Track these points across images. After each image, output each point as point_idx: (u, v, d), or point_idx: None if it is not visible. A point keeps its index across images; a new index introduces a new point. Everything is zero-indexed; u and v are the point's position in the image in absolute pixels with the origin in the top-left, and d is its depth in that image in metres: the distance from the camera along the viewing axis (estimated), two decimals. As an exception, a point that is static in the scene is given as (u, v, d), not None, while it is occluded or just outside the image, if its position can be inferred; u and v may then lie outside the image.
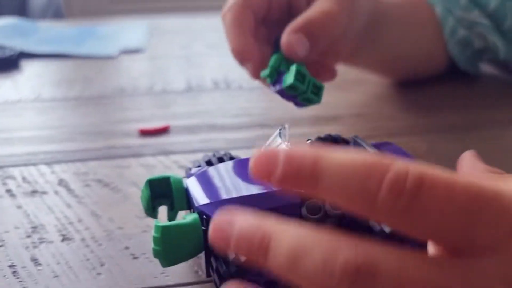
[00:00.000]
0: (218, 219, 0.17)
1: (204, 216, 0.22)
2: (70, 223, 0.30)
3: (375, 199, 0.15)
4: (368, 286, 0.14)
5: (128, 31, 0.79)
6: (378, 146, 0.27)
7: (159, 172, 0.36)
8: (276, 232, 0.16)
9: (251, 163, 0.17)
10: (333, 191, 0.16)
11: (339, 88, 0.54)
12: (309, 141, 0.27)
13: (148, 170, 0.36)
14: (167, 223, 0.21)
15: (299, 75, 0.32)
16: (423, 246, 0.17)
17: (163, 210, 0.25)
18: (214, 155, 0.28)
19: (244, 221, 0.17)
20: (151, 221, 0.30)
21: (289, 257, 0.16)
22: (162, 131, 0.43)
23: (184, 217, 0.23)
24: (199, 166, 0.27)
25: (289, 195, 0.19)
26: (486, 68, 0.59)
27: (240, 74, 0.59)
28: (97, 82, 0.56)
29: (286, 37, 0.34)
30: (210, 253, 0.22)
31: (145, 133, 0.42)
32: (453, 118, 0.46)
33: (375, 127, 0.44)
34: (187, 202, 0.24)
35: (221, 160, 0.28)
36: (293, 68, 0.32)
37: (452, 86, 0.54)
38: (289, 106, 0.50)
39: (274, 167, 0.17)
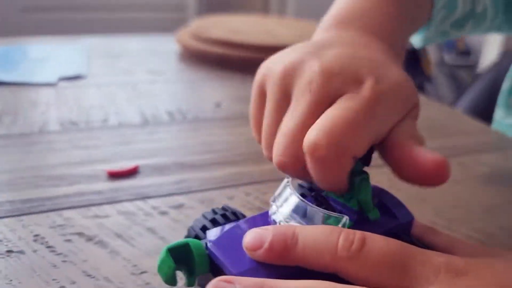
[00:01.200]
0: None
1: None
2: (62, 287, 0.28)
3: (336, 248, 0.22)
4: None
5: (65, 53, 0.75)
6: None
7: (141, 220, 0.35)
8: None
9: None
10: (307, 252, 0.22)
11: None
12: (287, 181, 0.27)
13: (129, 219, 0.35)
14: None
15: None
16: None
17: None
18: (215, 213, 0.28)
19: (244, 280, 0.21)
20: (148, 277, 0.29)
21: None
22: (132, 172, 0.42)
23: None
24: (204, 226, 0.27)
25: None
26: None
27: (193, 103, 0.59)
28: (38, 115, 0.53)
29: None
30: None
31: (114, 175, 0.41)
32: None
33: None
34: (209, 267, 0.24)
35: (225, 217, 0.28)
36: None
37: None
38: (250, 141, 0.51)
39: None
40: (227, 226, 0.26)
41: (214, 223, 0.27)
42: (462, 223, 0.38)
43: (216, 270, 0.24)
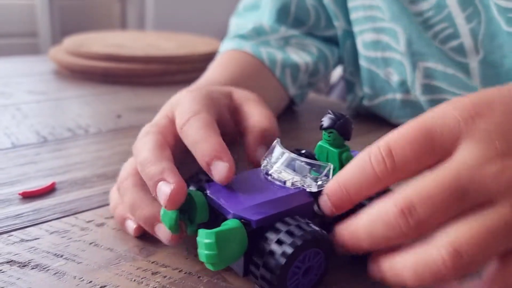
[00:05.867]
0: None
1: (243, 220, 0.24)
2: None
3: (373, 167, 0.24)
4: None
5: None
6: None
7: (78, 236, 0.31)
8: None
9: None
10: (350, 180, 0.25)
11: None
12: (277, 140, 0.29)
13: (64, 237, 0.31)
14: (218, 229, 0.23)
15: None
16: None
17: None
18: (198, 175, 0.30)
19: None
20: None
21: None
22: (48, 190, 0.37)
23: (225, 223, 0.25)
24: (208, 180, 0.29)
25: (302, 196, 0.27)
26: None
27: (91, 118, 0.55)
28: None
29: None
30: (250, 255, 0.25)
31: (29, 195, 0.36)
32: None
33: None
34: (209, 214, 0.27)
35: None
36: None
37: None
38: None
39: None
40: None
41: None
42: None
43: (214, 218, 0.26)
